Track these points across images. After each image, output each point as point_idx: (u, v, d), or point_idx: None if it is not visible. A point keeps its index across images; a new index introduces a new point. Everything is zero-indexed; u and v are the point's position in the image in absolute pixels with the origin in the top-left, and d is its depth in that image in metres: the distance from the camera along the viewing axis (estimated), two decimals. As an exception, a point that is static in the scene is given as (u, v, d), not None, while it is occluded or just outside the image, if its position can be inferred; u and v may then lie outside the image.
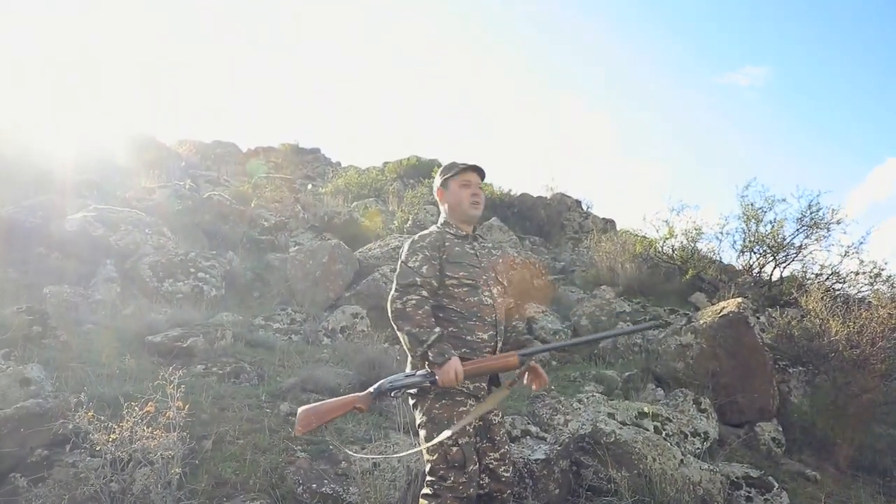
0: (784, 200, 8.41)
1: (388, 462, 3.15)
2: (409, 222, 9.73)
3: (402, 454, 2.89)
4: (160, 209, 8.61)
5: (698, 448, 4.76)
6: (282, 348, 5.20)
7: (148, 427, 2.70)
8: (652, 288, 9.18)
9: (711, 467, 4.13)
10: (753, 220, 8.59)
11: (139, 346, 4.66)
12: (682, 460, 3.96)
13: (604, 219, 15.71)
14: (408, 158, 18.34)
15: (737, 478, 4.40)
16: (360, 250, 7.98)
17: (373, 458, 3.10)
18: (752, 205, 8.54)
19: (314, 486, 2.99)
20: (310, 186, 14.21)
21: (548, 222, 14.88)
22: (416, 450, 2.58)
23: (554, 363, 7.13)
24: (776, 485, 4.35)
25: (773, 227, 8.31)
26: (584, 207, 16.50)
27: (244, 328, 5.66)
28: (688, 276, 8.78)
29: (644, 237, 9.57)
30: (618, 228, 13.39)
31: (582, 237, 13.32)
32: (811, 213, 8.24)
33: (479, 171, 2.62)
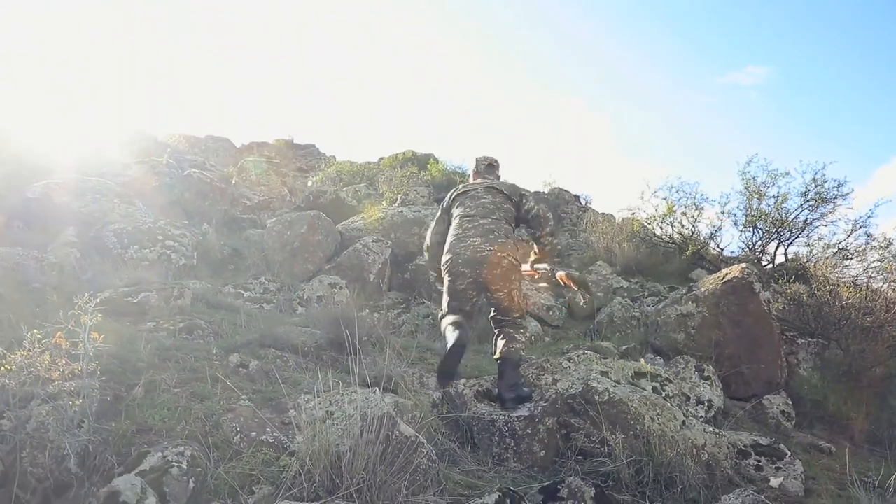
0: (787, 174, 7.98)
1: (342, 410, 2.73)
2: (398, 202, 9.31)
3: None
4: (135, 184, 8.18)
5: (702, 417, 4.34)
6: (247, 311, 4.76)
7: (54, 360, 2.28)
8: (651, 268, 8.74)
9: (717, 431, 3.70)
10: (756, 196, 8.16)
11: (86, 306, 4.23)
12: (683, 422, 3.53)
13: (603, 213, 15.30)
14: (403, 153, 17.98)
15: (745, 446, 3.98)
16: (342, 223, 7.56)
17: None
18: (754, 179, 8.11)
19: (254, 433, 2.57)
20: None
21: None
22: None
23: (547, 339, 6.72)
24: (788, 453, 3.93)
25: (776, 201, 7.87)
26: (583, 202, 16.11)
27: (210, 294, 5.24)
28: (688, 254, 8.34)
29: (640, 217, 9.11)
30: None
31: (578, 231, 12.93)
32: (816, 187, 7.82)
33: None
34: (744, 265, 5.59)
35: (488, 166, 4.37)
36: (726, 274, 5.62)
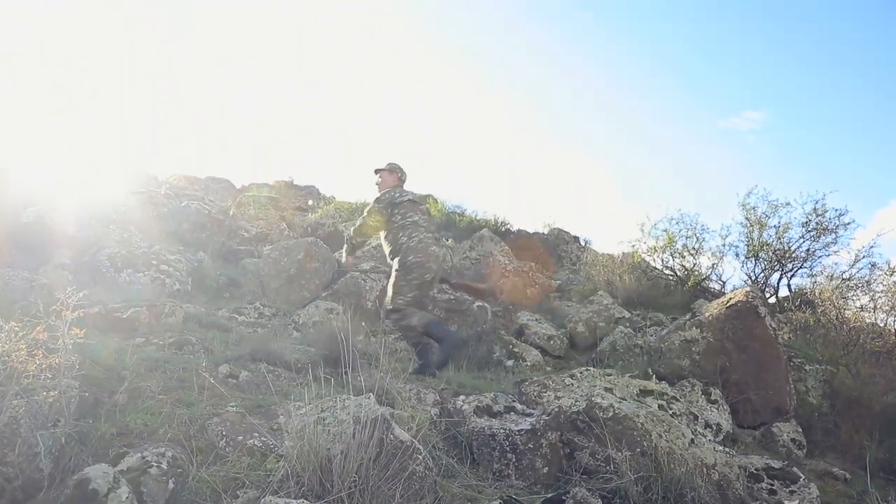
0: (788, 204, 7.96)
1: (334, 416, 2.59)
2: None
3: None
4: (132, 213, 8.13)
5: (710, 441, 4.16)
6: (239, 333, 4.63)
7: (31, 351, 2.16)
8: (652, 300, 8.63)
9: (728, 451, 3.54)
10: (757, 226, 8.12)
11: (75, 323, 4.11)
12: (692, 440, 3.37)
13: (603, 254, 15.25)
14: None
15: (756, 469, 3.80)
16: (339, 251, 7.48)
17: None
18: (754, 209, 8.08)
19: (240, 438, 2.43)
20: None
21: (544, 252, 14.47)
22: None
23: (549, 369, 6.55)
24: (802, 476, 3.75)
25: (777, 231, 7.83)
26: (582, 242, 16.10)
27: (202, 315, 5.11)
28: (689, 285, 8.25)
29: (641, 249, 9.05)
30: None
31: (579, 266, 12.87)
32: (817, 217, 7.78)
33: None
34: (748, 289, 5.49)
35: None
36: (730, 298, 5.52)
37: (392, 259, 4.86)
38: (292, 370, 3.68)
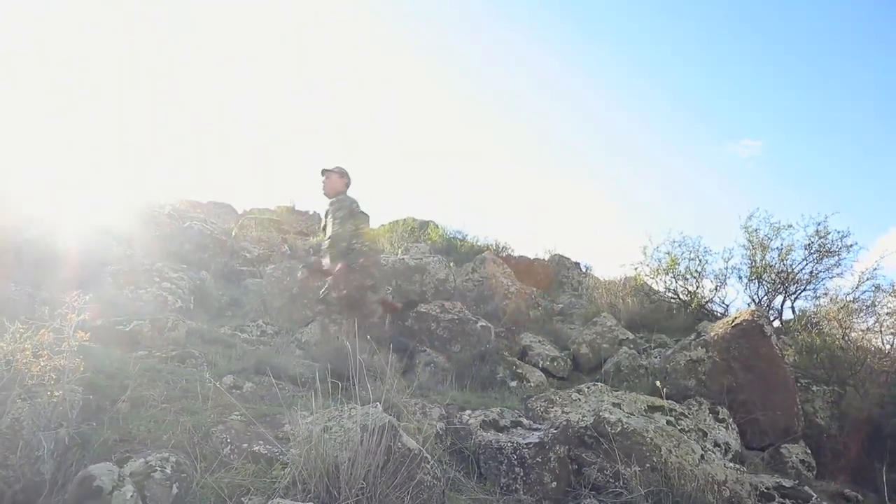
0: (790, 227, 7.95)
1: (341, 425, 2.55)
2: (399, 252, 9.27)
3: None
4: (134, 233, 8.14)
5: (720, 458, 4.09)
6: (242, 348, 4.59)
7: (36, 353, 2.13)
8: (655, 323, 8.58)
9: (738, 467, 3.47)
10: (760, 249, 8.11)
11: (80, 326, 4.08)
12: (702, 455, 3.32)
13: (605, 280, 15.23)
14: (404, 220, 18.22)
15: (767, 489, 3.72)
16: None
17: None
18: (756, 231, 8.09)
19: (245, 445, 2.39)
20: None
21: (545, 277, 14.46)
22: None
23: (553, 390, 6.48)
24: (814, 495, 3.67)
25: (780, 253, 7.82)
26: (584, 268, 16.10)
27: (205, 331, 5.07)
28: (693, 307, 8.21)
29: (644, 272, 9.03)
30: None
31: (581, 290, 12.84)
32: (819, 239, 7.78)
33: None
34: (753, 308, 5.46)
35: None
36: (735, 318, 5.49)
37: (337, 259, 5.19)
38: (297, 384, 3.63)
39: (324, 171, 5.57)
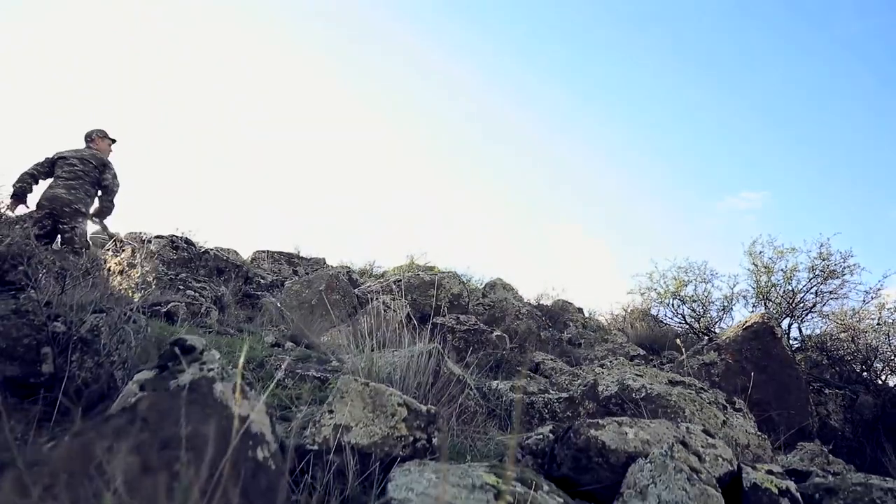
0: (794, 249, 8.16)
1: (387, 360, 2.69)
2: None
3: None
4: (154, 255, 8.34)
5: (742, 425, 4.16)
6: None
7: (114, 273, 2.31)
8: (663, 347, 8.70)
9: (760, 434, 3.56)
10: (765, 272, 8.30)
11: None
12: (724, 420, 3.42)
13: (612, 315, 15.34)
14: (408, 265, 18.54)
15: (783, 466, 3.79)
16: (359, 288, 7.64)
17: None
18: (760, 254, 8.29)
19: (298, 370, 2.53)
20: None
21: (550, 319, 14.58)
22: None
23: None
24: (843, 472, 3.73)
25: (785, 273, 8.01)
26: (586, 314, 16.23)
27: (232, 324, 5.21)
28: (699, 330, 8.33)
29: (651, 296, 9.20)
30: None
31: (588, 325, 12.94)
32: (822, 262, 7.98)
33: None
34: (763, 311, 5.61)
35: (87, 137, 5.92)
36: (747, 321, 5.63)
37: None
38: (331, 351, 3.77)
39: (95, 135, 5.97)
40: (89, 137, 5.91)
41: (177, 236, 9.86)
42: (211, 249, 9.44)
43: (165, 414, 1.25)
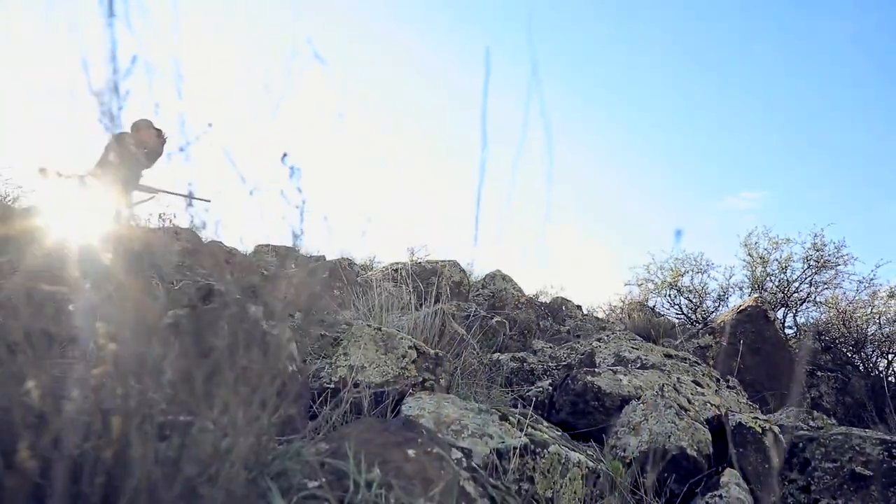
0: (789, 240, 8.31)
1: (395, 323, 2.83)
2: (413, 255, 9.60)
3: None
4: (153, 246, 8.48)
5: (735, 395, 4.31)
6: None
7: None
8: (661, 336, 8.85)
9: (753, 405, 3.70)
10: (760, 263, 8.45)
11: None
12: (717, 391, 3.56)
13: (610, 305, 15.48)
14: (409, 259, 18.70)
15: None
16: (361, 276, 7.77)
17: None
18: (756, 245, 8.44)
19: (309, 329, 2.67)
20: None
21: (549, 313, 14.69)
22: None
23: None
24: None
25: (780, 263, 8.15)
26: (585, 311, 16.32)
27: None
28: (696, 320, 8.47)
29: (648, 287, 9.34)
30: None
31: (586, 319, 13.06)
32: (817, 252, 8.12)
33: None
34: (756, 296, 5.76)
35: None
36: (741, 305, 5.78)
37: None
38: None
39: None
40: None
41: (179, 226, 10.02)
42: (215, 240, 9.60)
43: (207, 326, 1.38)
